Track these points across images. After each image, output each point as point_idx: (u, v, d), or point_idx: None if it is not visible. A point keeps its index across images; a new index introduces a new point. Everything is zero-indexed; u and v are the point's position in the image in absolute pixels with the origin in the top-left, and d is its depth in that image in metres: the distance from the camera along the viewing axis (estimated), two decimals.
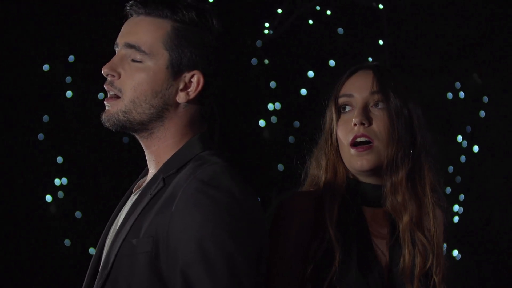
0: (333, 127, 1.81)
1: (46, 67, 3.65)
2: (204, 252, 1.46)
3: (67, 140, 3.66)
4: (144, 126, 1.66)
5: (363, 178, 1.79)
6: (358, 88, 1.80)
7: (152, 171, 1.69)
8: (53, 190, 3.60)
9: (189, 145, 1.65)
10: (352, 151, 1.75)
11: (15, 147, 3.59)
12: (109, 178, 3.61)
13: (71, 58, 3.68)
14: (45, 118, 3.64)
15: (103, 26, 3.55)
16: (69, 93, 3.66)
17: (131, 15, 1.71)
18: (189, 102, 1.66)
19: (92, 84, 3.59)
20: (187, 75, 1.65)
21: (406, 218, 1.74)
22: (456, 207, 3.75)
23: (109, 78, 1.66)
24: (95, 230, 1.86)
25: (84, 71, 3.66)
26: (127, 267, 1.54)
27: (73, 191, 3.62)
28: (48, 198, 3.59)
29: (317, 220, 1.71)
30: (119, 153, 3.59)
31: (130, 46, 1.65)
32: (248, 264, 1.48)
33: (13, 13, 3.62)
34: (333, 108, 1.82)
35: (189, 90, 1.66)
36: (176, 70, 1.65)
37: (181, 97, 1.65)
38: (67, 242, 3.57)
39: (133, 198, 1.71)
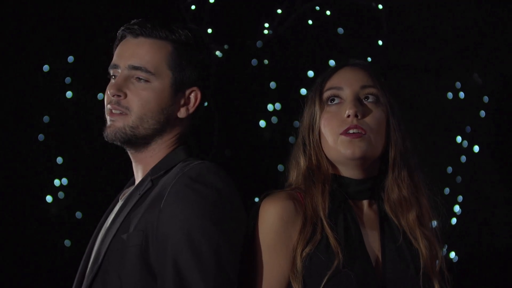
0: (315, 122, 1.79)
1: (46, 67, 3.66)
2: (192, 242, 1.56)
3: (67, 140, 3.66)
4: (146, 140, 1.77)
5: (345, 172, 1.77)
6: (347, 81, 1.78)
7: (139, 180, 1.80)
8: (54, 190, 3.60)
9: (175, 152, 1.78)
10: (344, 138, 1.73)
11: (15, 147, 3.59)
12: (109, 179, 3.60)
13: (71, 58, 3.68)
14: (45, 118, 3.64)
15: (103, 27, 3.55)
16: (69, 93, 3.66)
17: (124, 37, 1.80)
18: (186, 116, 1.79)
19: (92, 84, 3.59)
20: (187, 92, 1.79)
21: (413, 214, 1.75)
22: (455, 208, 3.75)
23: (115, 99, 1.75)
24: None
25: (84, 71, 3.66)
26: (118, 260, 1.63)
27: (73, 191, 3.62)
28: (49, 198, 3.59)
29: (307, 213, 1.70)
30: (119, 153, 3.59)
31: (135, 68, 1.75)
32: (232, 253, 1.60)
33: (13, 13, 3.62)
34: (316, 102, 1.80)
35: (188, 105, 1.79)
36: (178, 88, 1.77)
37: (182, 113, 1.79)
38: (67, 242, 3.57)
39: (120, 203, 1.80)
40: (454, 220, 3.70)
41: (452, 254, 3.68)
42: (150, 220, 1.61)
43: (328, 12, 3.81)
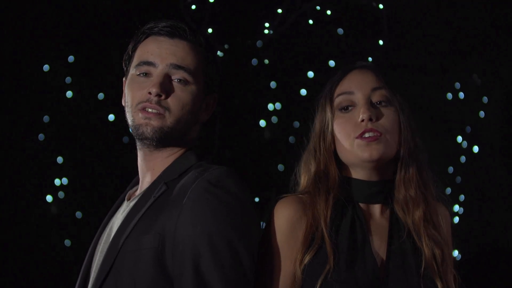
0: (328, 127, 1.80)
1: (46, 67, 3.66)
2: (213, 246, 1.58)
3: (67, 140, 3.66)
4: (173, 139, 1.77)
5: (358, 174, 1.78)
6: (357, 85, 1.79)
7: (147, 179, 1.80)
8: (54, 190, 3.60)
9: (186, 156, 1.78)
10: (360, 141, 1.74)
11: (15, 147, 3.59)
12: (109, 178, 3.60)
13: (71, 58, 3.68)
14: (45, 118, 3.64)
15: (103, 27, 3.55)
16: (69, 93, 3.66)
17: (150, 36, 1.80)
18: (203, 121, 1.83)
19: (92, 84, 3.59)
20: (209, 97, 1.83)
21: (419, 213, 1.76)
22: (456, 208, 3.75)
23: (156, 98, 1.73)
24: (95, 230, 1.87)
25: (84, 71, 3.66)
26: (131, 261, 1.63)
27: (73, 191, 3.62)
28: (49, 198, 3.59)
29: (308, 221, 1.73)
30: (119, 153, 3.60)
31: (178, 67, 1.75)
32: (250, 256, 1.62)
33: (13, 13, 3.62)
34: (328, 108, 1.81)
35: (208, 111, 1.83)
36: (206, 93, 1.81)
37: (203, 117, 1.82)
38: (67, 242, 3.57)
39: (129, 204, 1.80)
40: (456, 219, 3.70)
41: (455, 253, 3.69)
42: (168, 223, 1.62)
43: (328, 12, 3.81)
